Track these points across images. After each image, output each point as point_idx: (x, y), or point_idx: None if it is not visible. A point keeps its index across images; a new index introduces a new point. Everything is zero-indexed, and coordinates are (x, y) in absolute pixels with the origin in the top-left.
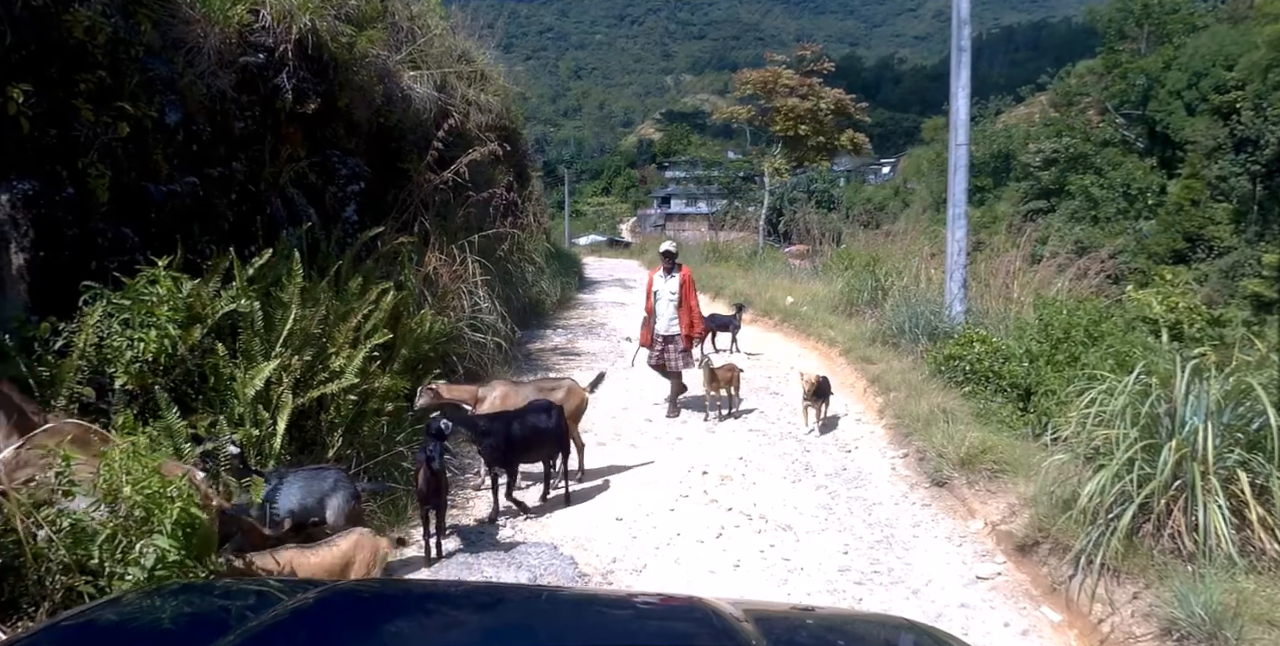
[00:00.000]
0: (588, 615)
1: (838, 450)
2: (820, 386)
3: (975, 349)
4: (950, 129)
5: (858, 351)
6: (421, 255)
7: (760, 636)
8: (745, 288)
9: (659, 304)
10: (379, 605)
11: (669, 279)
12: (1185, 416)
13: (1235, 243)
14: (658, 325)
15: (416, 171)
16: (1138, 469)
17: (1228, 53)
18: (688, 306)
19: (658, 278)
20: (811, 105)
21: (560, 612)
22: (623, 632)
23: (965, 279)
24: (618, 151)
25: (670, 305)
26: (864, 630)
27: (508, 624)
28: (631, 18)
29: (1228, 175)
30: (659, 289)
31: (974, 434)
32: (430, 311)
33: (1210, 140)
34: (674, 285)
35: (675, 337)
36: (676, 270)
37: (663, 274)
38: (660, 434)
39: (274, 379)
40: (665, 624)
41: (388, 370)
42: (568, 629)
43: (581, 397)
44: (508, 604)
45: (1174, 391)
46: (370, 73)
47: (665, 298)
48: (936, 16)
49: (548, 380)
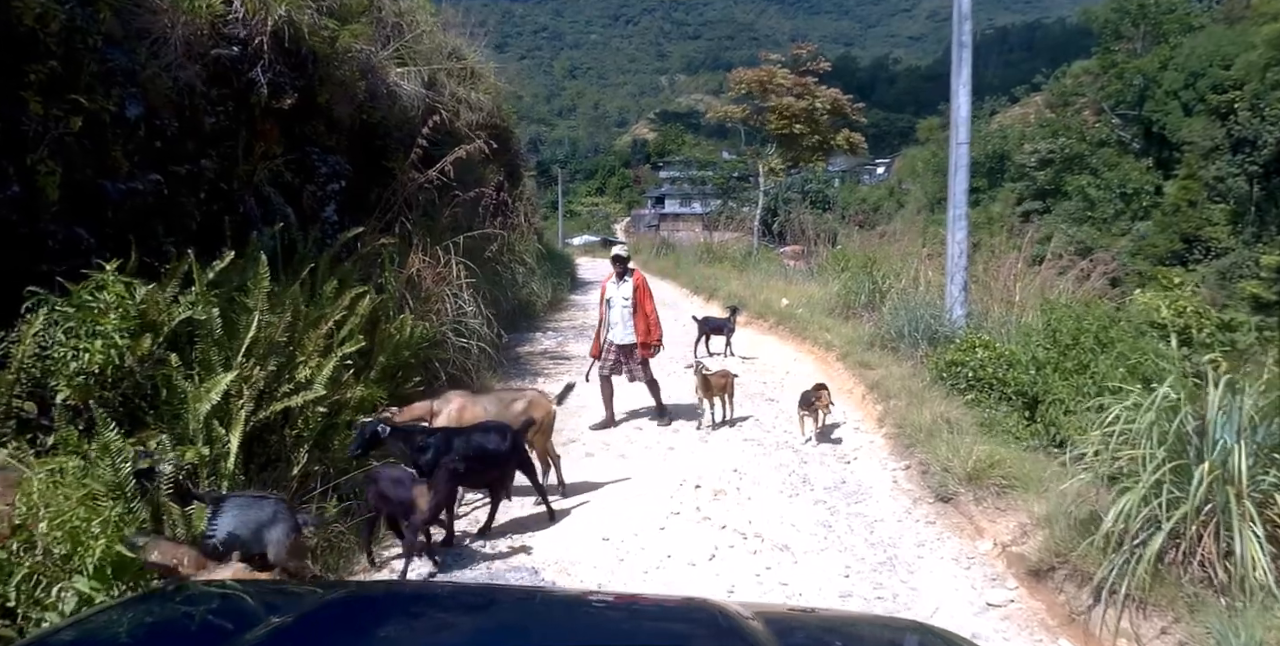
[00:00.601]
0: (596, 616)
1: (836, 461)
2: (814, 396)
3: (978, 355)
4: (950, 127)
5: (855, 356)
6: (405, 257)
7: (771, 637)
8: (740, 289)
9: (612, 312)
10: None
11: (621, 285)
12: (1217, 435)
13: (1233, 244)
14: (612, 334)
15: (401, 170)
16: (1166, 492)
17: (1225, 53)
18: (643, 313)
19: (610, 285)
20: (807, 104)
21: (569, 614)
22: (631, 633)
23: (966, 281)
24: (612, 151)
25: (625, 312)
26: (873, 632)
27: (515, 625)
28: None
29: (1225, 176)
30: (612, 296)
31: (980, 447)
32: (411, 316)
33: (1207, 141)
34: (627, 291)
35: (632, 348)
36: (629, 275)
37: (615, 280)
38: (650, 443)
39: (233, 391)
40: (673, 624)
41: (363, 379)
42: (577, 629)
43: (547, 410)
44: (515, 605)
45: (1204, 407)
46: (353, 68)
47: (619, 305)
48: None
49: (509, 391)
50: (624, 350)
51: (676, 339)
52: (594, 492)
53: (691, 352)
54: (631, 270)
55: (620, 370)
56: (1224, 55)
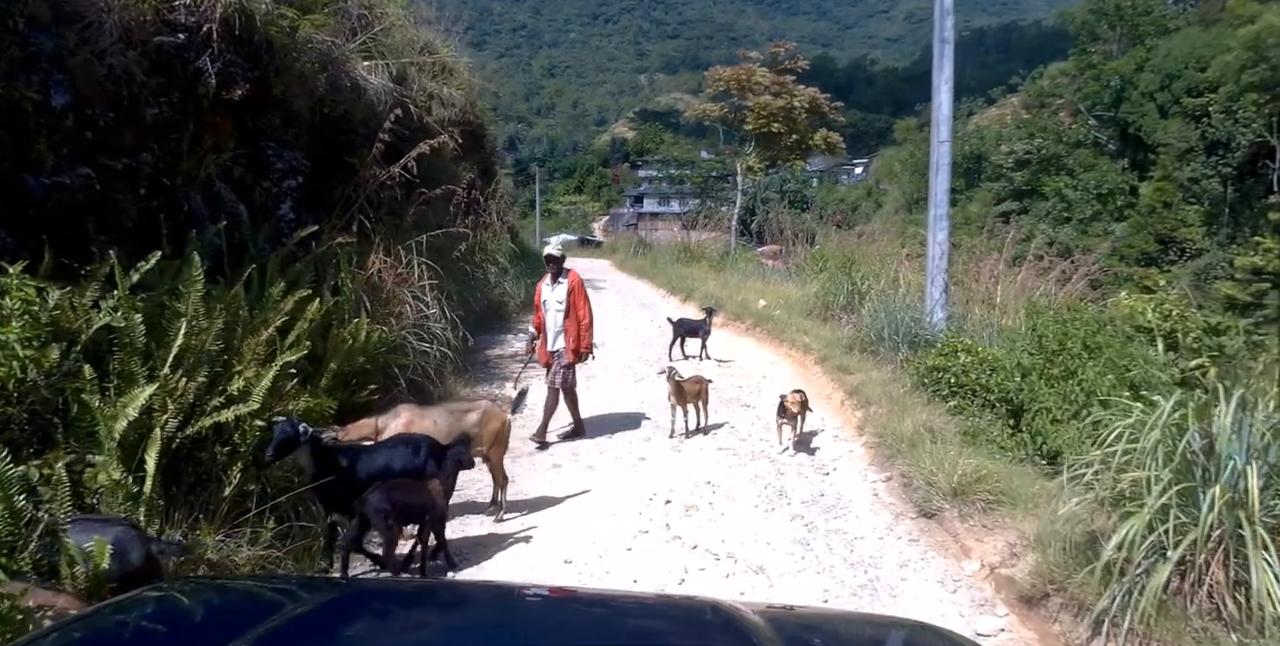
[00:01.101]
0: (597, 614)
1: (814, 472)
2: (800, 406)
3: (960, 360)
4: (932, 125)
5: (834, 360)
6: (365, 257)
7: (773, 636)
8: (716, 290)
9: (547, 316)
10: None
11: (555, 286)
12: (1226, 455)
13: (1207, 245)
14: (550, 337)
15: (363, 166)
16: (1173, 517)
17: (1200, 55)
18: (575, 317)
19: (544, 287)
20: (785, 103)
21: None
22: (632, 632)
23: (946, 283)
24: (591, 150)
25: (558, 317)
26: (876, 631)
27: (520, 623)
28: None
29: (1199, 177)
30: (546, 299)
31: (965, 460)
32: (367, 319)
33: (1182, 142)
34: (561, 293)
35: (560, 353)
36: (564, 276)
37: (549, 282)
38: (621, 453)
39: (155, 406)
40: (678, 623)
41: (312, 388)
42: (578, 628)
43: (501, 421)
44: (514, 603)
45: (1211, 425)
46: (313, 59)
47: (553, 309)
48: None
49: (461, 402)
50: (555, 356)
51: (651, 341)
52: (558, 508)
53: (666, 355)
54: (567, 270)
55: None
56: (1199, 57)
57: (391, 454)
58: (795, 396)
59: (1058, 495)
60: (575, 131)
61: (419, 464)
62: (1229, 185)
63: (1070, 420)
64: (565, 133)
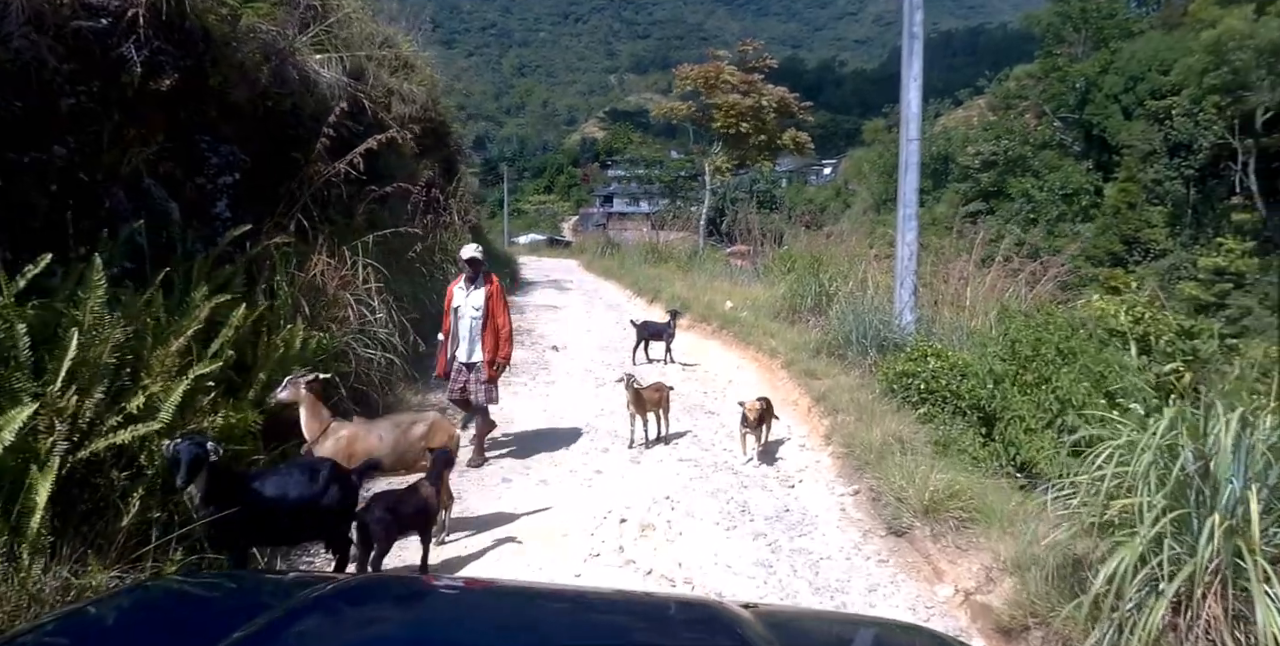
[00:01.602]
0: (597, 613)
1: (779, 485)
2: (763, 414)
3: (930, 365)
4: (900, 123)
5: (801, 364)
6: (307, 258)
7: (770, 637)
8: (683, 291)
9: (460, 323)
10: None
11: (473, 292)
12: (1225, 479)
13: (1171, 246)
14: (459, 350)
15: (308, 162)
16: (1167, 548)
17: (1162, 58)
18: (493, 326)
19: (458, 291)
20: (753, 102)
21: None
22: (631, 631)
23: (915, 285)
24: (561, 150)
25: (475, 324)
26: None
27: (518, 621)
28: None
29: (1163, 179)
30: (460, 305)
31: (937, 475)
32: (303, 325)
33: (1146, 144)
34: (479, 299)
35: (478, 366)
36: (483, 280)
37: (464, 286)
38: (576, 466)
39: (41, 427)
40: (675, 623)
41: (236, 401)
42: (578, 627)
43: (449, 434)
44: (519, 601)
45: (1209, 445)
46: (255, 50)
47: (469, 315)
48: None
49: (407, 413)
50: (469, 367)
51: (615, 344)
52: (506, 528)
53: (630, 359)
54: (486, 274)
55: (465, 392)
56: (1162, 60)
57: (285, 481)
58: (755, 404)
59: (1037, 515)
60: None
61: (316, 492)
62: (1191, 186)
63: (1045, 429)
64: (535, 132)
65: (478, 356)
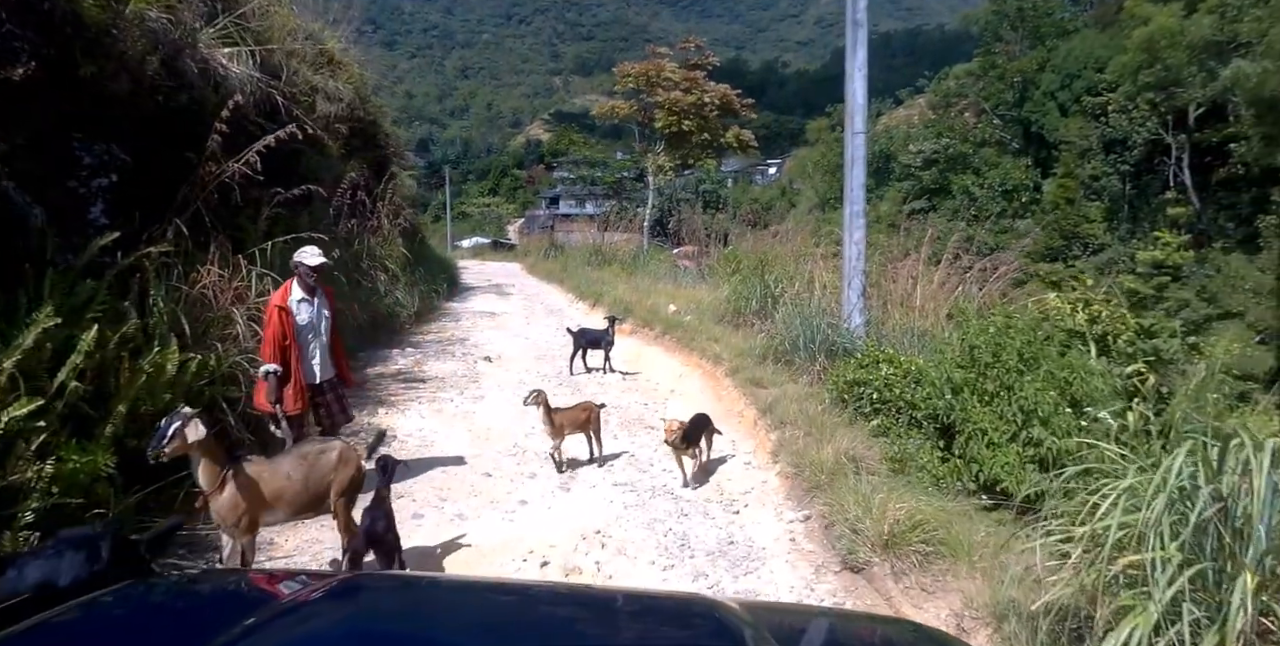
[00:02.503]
0: (592, 610)
1: (723, 511)
2: (691, 432)
3: (882, 371)
4: (846, 116)
5: (746, 372)
6: (196, 268)
7: (765, 634)
8: (626, 294)
9: (313, 341)
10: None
11: (318, 303)
12: (1255, 526)
13: (1109, 240)
14: (313, 373)
15: (201, 162)
16: (1187, 612)
17: (1097, 56)
18: (336, 338)
19: (301, 305)
20: (695, 99)
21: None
22: (626, 629)
23: (864, 286)
24: (506, 152)
25: (325, 340)
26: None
27: (510, 619)
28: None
29: (1099, 175)
30: (307, 320)
31: (897, 503)
32: (177, 346)
33: (1083, 141)
34: (326, 310)
35: (338, 382)
36: (319, 289)
37: (303, 296)
38: (499, 496)
39: None
40: (669, 620)
41: (82, 441)
42: (573, 624)
43: (356, 466)
44: (511, 599)
45: (1230, 484)
46: (141, 39)
47: (320, 329)
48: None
49: (313, 443)
50: (331, 387)
51: (553, 353)
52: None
53: (567, 369)
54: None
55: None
56: (1096, 58)
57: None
58: (675, 424)
59: (1008, 547)
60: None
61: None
62: (1127, 182)
63: (1009, 442)
64: (479, 134)
65: (330, 371)
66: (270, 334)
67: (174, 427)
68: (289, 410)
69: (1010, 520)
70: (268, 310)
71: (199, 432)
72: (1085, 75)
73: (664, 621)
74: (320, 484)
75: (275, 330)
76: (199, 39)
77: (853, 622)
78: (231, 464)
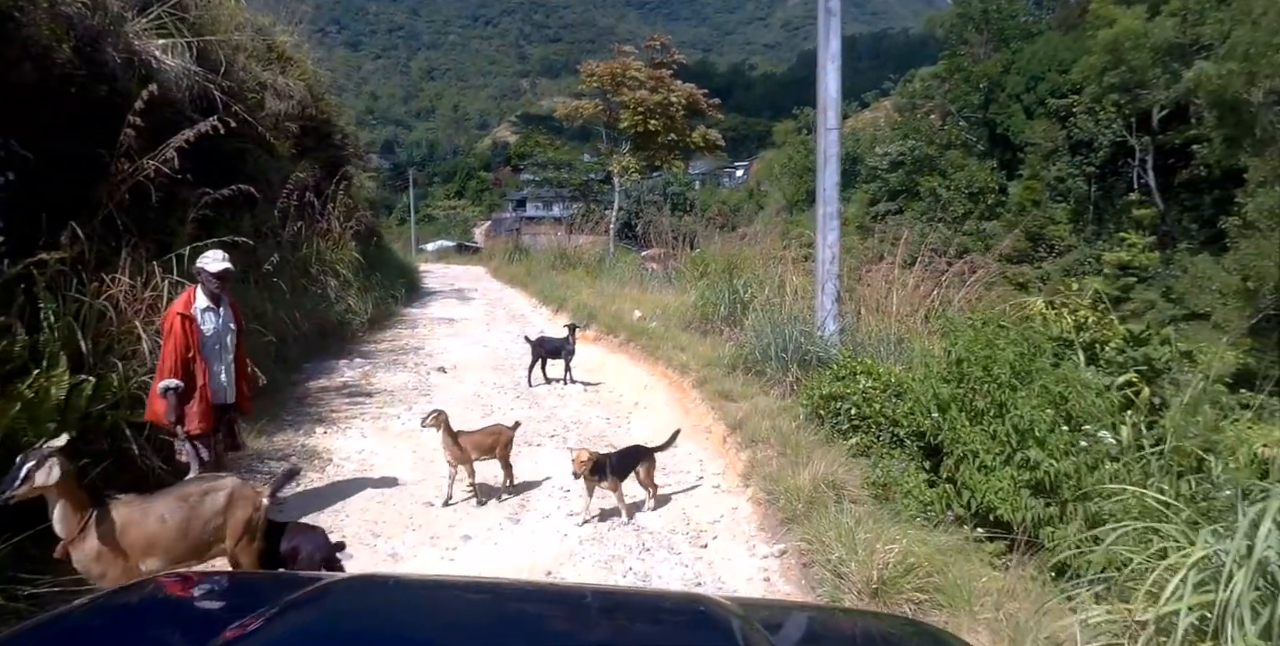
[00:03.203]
0: (591, 610)
1: (689, 543)
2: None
3: (860, 384)
4: (818, 109)
5: (714, 383)
6: (97, 277)
7: (765, 632)
8: (591, 299)
9: (219, 356)
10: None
11: (223, 313)
12: None
13: (1075, 242)
14: (219, 391)
15: (114, 159)
16: None
17: (1061, 58)
18: (241, 352)
19: (202, 311)
20: (661, 98)
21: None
22: (626, 627)
23: (839, 291)
24: (473, 154)
25: (230, 355)
26: (867, 627)
27: (510, 618)
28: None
29: (1065, 176)
30: (211, 329)
31: (886, 544)
32: (65, 369)
33: (1048, 143)
34: (230, 321)
35: (233, 408)
36: (224, 297)
37: (208, 304)
38: (440, 530)
39: None
40: (669, 619)
41: None
42: (572, 623)
43: (253, 505)
44: (510, 598)
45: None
46: (51, 25)
47: (227, 344)
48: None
49: (200, 482)
50: (226, 413)
51: (512, 362)
52: None
53: (526, 380)
54: None
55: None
56: (1060, 60)
57: None
58: (582, 455)
59: (1011, 593)
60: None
61: None
62: (1093, 184)
63: (1003, 466)
64: (446, 136)
65: (232, 394)
66: (172, 345)
67: (26, 468)
68: (191, 430)
69: (1007, 552)
70: (167, 318)
71: (51, 476)
72: (1049, 77)
73: (661, 620)
74: (203, 529)
75: (179, 340)
76: (125, 27)
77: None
78: (96, 507)
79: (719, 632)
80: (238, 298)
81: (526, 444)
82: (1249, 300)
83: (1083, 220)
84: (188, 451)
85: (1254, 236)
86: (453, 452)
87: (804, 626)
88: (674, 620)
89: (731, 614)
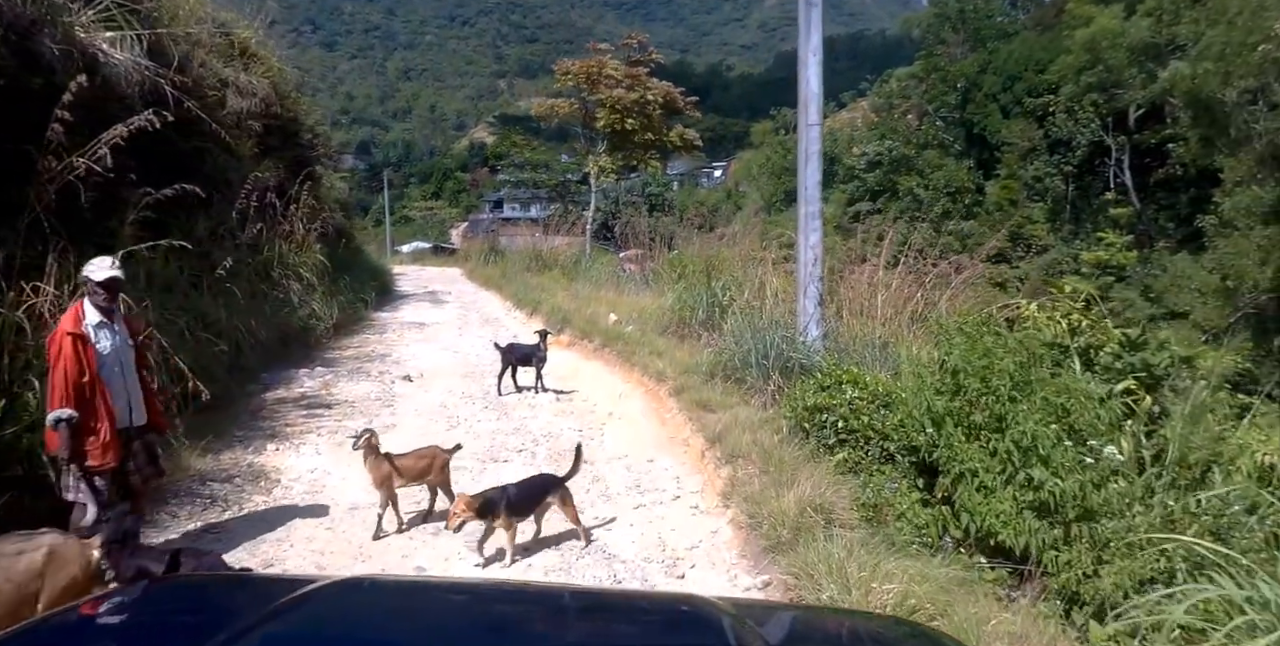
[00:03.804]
0: (587, 611)
1: (665, 574)
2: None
3: (847, 394)
4: (800, 105)
5: (692, 392)
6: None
7: (758, 632)
8: (566, 302)
9: (118, 374)
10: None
11: (119, 327)
12: None
13: (1052, 241)
14: (124, 413)
15: (42, 156)
16: None
17: (1037, 58)
18: (146, 365)
19: (95, 328)
20: (638, 97)
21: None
22: (620, 628)
23: (822, 294)
24: (449, 154)
25: (131, 371)
26: (860, 627)
27: (507, 620)
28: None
29: (1042, 176)
30: (107, 347)
31: (885, 586)
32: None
33: (1025, 142)
34: (127, 335)
35: (149, 429)
36: (119, 309)
37: (100, 319)
38: (392, 561)
39: None
40: (664, 621)
41: None
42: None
43: (79, 565)
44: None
45: None
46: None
47: (126, 360)
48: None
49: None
50: (142, 432)
51: (482, 369)
52: None
53: (496, 389)
54: None
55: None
56: (1037, 60)
57: None
58: (462, 501)
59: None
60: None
61: None
62: (1069, 183)
63: (1005, 485)
64: (422, 137)
65: (142, 415)
66: (62, 370)
67: None
68: (97, 464)
69: (1011, 580)
70: (53, 340)
71: None
72: (1026, 77)
73: (656, 620)
74: (15, 595)
75: (70, 364)
76: (66, 18)
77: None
78: None
79: (711, 631)
80: (188, 305)
81: (492, 460)
82: (1228, 299)
83: (1060, 219)
84: (82, 490)
85: (1232, 235)
86: (375, 475)
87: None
88: (666, 619)
89: (723, 613)
